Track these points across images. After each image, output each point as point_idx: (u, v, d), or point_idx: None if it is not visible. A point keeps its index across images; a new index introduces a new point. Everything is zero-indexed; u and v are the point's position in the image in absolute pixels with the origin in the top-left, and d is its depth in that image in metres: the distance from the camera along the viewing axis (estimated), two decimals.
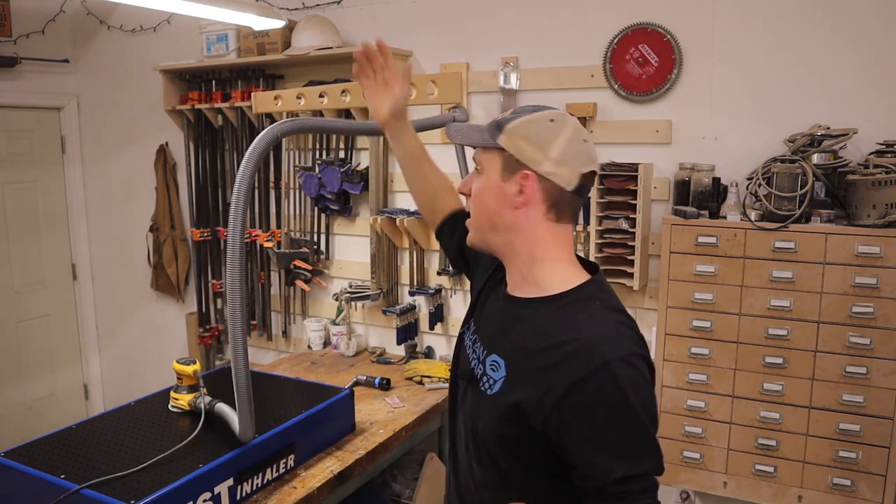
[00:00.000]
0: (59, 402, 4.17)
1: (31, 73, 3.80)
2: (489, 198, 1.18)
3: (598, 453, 1.06)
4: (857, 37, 2.23)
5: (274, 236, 3.34)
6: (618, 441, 1.06)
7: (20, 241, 3.92)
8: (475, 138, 1.20)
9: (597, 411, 1.04)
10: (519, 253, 1.19)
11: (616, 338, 1.08)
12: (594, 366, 1.03)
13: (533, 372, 1.10)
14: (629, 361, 1.05)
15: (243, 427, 1.65)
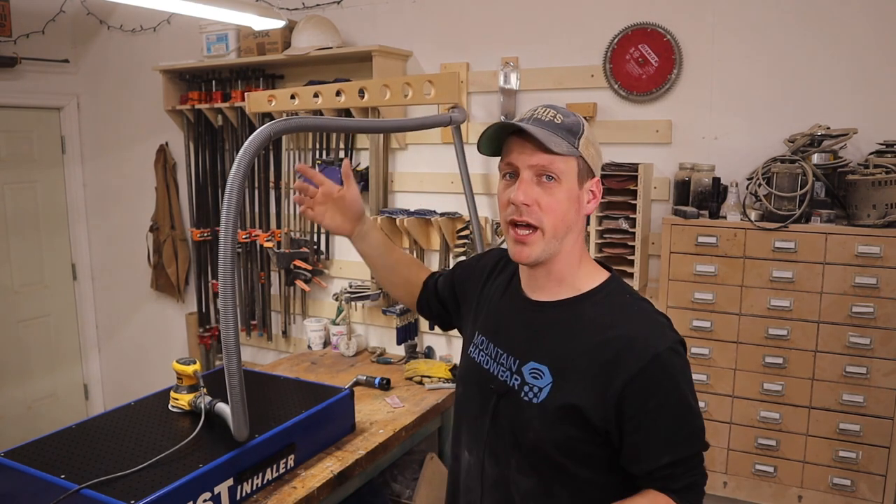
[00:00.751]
0: (59, 402, 4.17)
1: (31, 73, 3.80)
2: (570, 207, 1.15)
3: (648, 440, 1.09)
4: (857, 37, 2.23)
5: (274, 236, 3.34)
6: (668, 428, 1.09)
7: (20, 241, 3.93)
8: (564, 147, 1.13)
9: (650, 400, 1.07)
10: (571, 255, 1.20)
11: (659, 328, 1.13)
12: (647, 359, 1.07)
13: (584, 372, 1.11)
14: (675, 350, 1.10)
15: (237, 426, 1.65)
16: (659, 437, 1.09)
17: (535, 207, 1.13)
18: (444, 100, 2.51)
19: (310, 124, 2.15)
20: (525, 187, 1.13)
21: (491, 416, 1.22)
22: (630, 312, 1.15)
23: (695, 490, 1.12)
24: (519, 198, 1.13)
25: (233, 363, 1.53)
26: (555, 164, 1.13)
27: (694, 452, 1.11)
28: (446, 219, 2.86)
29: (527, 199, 1.13)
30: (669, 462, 1.09)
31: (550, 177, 1.13)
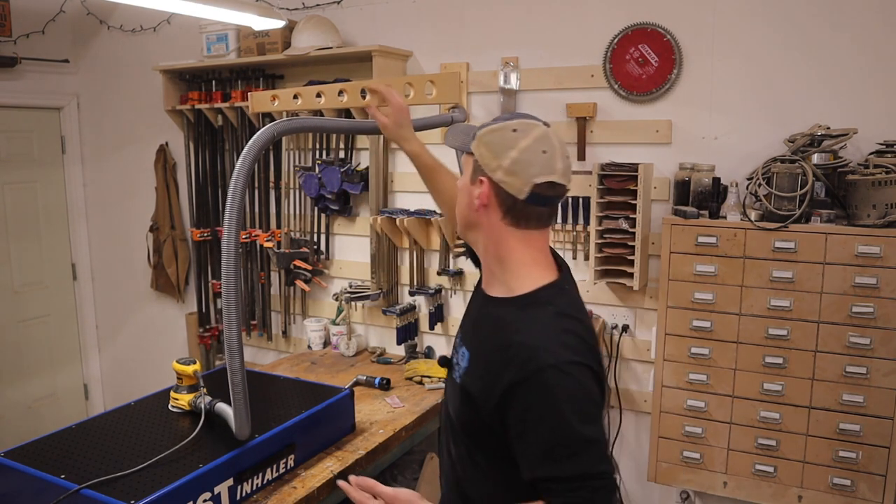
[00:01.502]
0: (59, 402, 4.17)
1: (31, 73, 3.80)
2: (464, 197, 1.28)
3: (527, 450, 1.12)
4: (856, 37, 2.23)
5: (274, 236, 3.34)
6: (544, 444, 1.10)
7: (20, 241, 3.92)
8: (459, 141, 1.29)
9: (529, 412, 1.11)
10: (487, 251, 1.28)
11: (555, 345, 1.13)
12: (531, 370, 1.10)
13: (486, 367, 1.19)
14: (562, 368, 1.10)
15: (239, 425, 1.65)
16: (535, 450, 1.11)
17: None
18: (445, 100, 2.51)
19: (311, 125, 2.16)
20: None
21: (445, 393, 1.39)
22: (538, 323, 1.17)
23: None
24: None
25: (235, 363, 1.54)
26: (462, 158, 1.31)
27: (573, 474, 1.09)
28: (446, 219, 2.86)
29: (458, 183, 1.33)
30: (546, 477, 1.10)
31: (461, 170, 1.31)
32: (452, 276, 2.95)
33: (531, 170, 1.18)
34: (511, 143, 1.19)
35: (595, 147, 2.64)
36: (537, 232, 1.25)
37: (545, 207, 1.22)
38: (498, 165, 1.19)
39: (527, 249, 1.24)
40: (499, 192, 1.20)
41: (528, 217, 1.22)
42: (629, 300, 2.65)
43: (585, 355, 1.15)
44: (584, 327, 1.20)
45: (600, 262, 2.50)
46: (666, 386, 2.34)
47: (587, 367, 1.13)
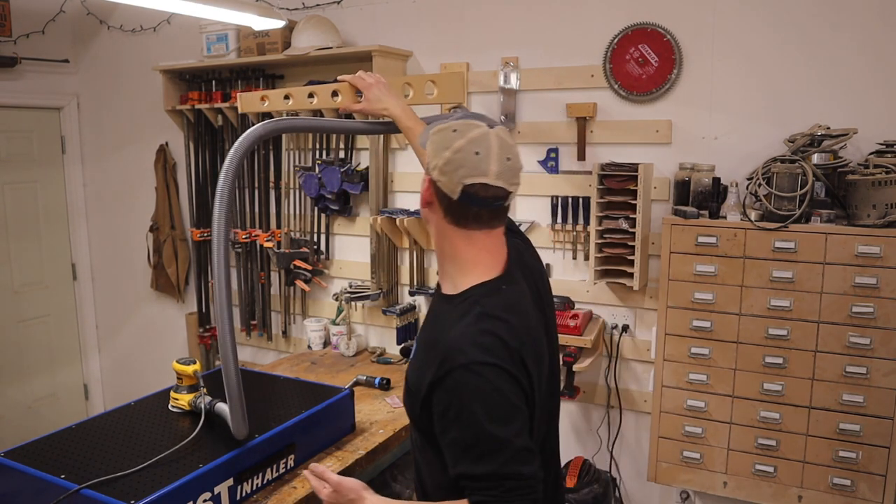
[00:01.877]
0: (59, 402, 4.17)
1: (31, 73, 3.80)
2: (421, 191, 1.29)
3: (446, 448, 1.18)
4: (857, 37, 2.23)
5: (274, 236, 3.34)
6: (458, 442, 1.15)
7: (20, 241, 3.92)
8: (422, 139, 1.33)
9: (447, 410, 1.15)
10: (436, 248, 1.33)
11: (469, 346, 1.15)
12: (445, 370, 1.15)
13: (419, 362, 1.24)
14: (472, 369, 1.13)
15: (236, 425, 1.65)
16: (451, 448, 1.16)
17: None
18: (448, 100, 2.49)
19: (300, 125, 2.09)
20: None
21: None
22: (459, 322, 1.20)
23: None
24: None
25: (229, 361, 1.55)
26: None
27: (484, 473, 1.11)
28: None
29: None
30: (460, 474, 1.14)
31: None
32: None
33: (461, 171, 1.19)
34: (447, 143, 1.21)
35: (595, 147, 2.64)
36: (480, 232, 1.25)
37: (482, 209, 1.22)
38: (435, 165, 1.22)
39: (469, 248, 1.26)
40: (437, 191, 1.23)
41: (467, 217, 1.23)
42: (629, 300, 2.65)
43: (500, 357, 1.16)
44: (507, 328, 1.20)
45: (600, 262, 2.50)
46: (666, 386, 2.34)
47: (501, 369, 1.15)
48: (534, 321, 1.29)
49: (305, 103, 2.66)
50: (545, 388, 1.31)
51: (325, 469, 1.41)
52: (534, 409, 1.23)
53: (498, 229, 1.29)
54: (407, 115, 1.75)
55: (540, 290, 1.40)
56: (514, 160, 1.23)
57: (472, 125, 1.23)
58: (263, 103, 2.71)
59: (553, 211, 2.73)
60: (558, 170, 2.74)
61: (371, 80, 1.80)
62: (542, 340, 1.31)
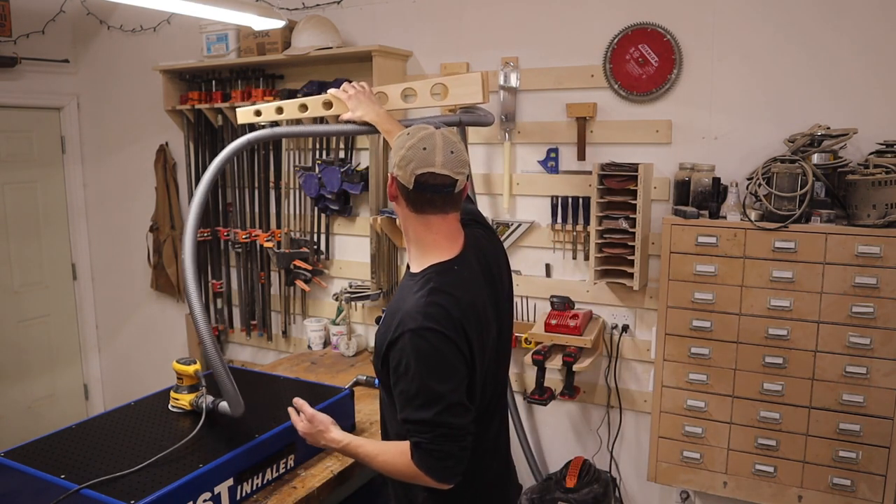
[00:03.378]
0: (59, 402, 4.17)
1: (31, 73, 3.80)
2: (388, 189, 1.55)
3: (396, 397, 1.43)
4: (857, 37, 2.23)
5: (274, 236, 3.34)
6: (403, 392, 1.40)
7: (20, 241, 3.92)
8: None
9: (397, 366, 1.40)
10: (407, 235, 1.56)
11: (419, 314, 1.40)
12: (398, 333, 1.40)
13: (385, 325, 1.47)
14: (419, 334, 1.38)
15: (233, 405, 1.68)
16: (400, 398, 1.41)
17: None
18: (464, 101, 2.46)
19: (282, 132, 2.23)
20: None
21: None
22: (415, 295, 1.44)
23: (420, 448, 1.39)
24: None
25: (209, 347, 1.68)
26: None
27: (424, 419, 1.37)
28: None
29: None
30: (405, 419, 1.40)
31: None
32: None
33: (412, 164, 1.44)
34: (402, 144, 1.47)
35: (595, 147, 2.64)
36: (436, 217, 1.49)
37: (434, 195, 1.46)
38: (395, 163, 1.48)
39: (428, 233, 1.51)
40: (399, 185, 1.48)
41: (423, 203, 1.47)
42: (629, 300, 2.65)
43: (443, 325, 1.39)
44: (453, 301, 1.43)
45: (600, 262, 2.50)
46: (666, 386, 2.34)
47: (442, 335, 1.38)
48: (481, 298, 1.52)
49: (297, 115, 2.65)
50: (489, 357, 1.53)
51: (305, 403, 1.72)
52: (475, 373, 1.46)
53: (452, 214, 1.52)
54: (383, 119, 2.01)
55: (493, 273, 1.62)
56: (457, 153, 1.46)
57: (421, 128, 1.49)
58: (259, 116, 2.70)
59: (553, 211, 2.73)
60: (558, 170, 2.74)
61: (352, 91, 2.06)
62: (489, 314, 1.53)
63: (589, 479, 2.56)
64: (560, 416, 2.88)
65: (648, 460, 2.42)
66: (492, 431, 1.62)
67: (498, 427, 1.66)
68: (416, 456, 1.40)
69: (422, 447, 1.39)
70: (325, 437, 1.67)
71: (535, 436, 2.94)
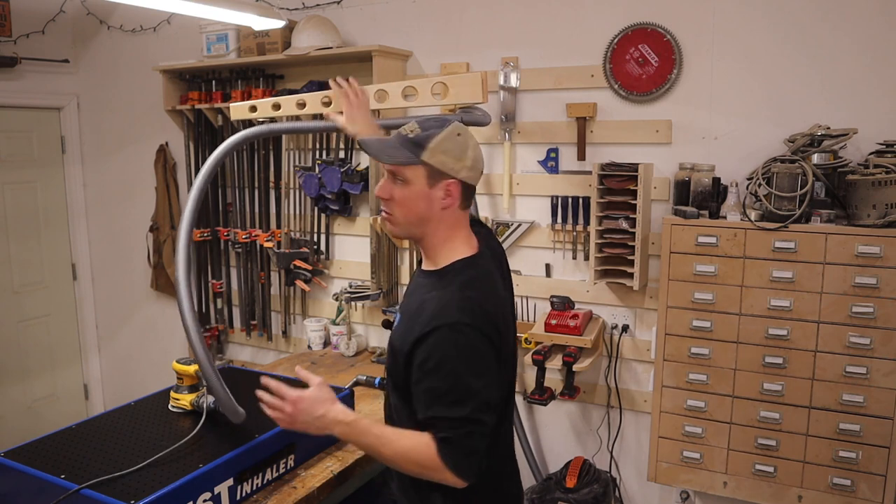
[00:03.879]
0: (59, 402, 4.17)
1: (31, 73, 3.80)
2: (418, 203, 1.45)
3: (420, 394, 1.37)
4: (857, 37, 2.23)
5: (274, 236, 3.34)
6: (431, 389, 1.35)
7: (20, 241, 3.92)
8: (400, 157, 1.43)
9: (426, 363, 1.35)
10: (436, 236, 1.49)
11: (454, 308, 1.37)
12: (429, 328, 1.35)
13: (406, 324, 1.43)
14: (456, 329, 1.34)
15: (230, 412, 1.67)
16: (429, 394, 1.35)
17: (390, 200, 1.48)
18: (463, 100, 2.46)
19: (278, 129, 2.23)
20: (383, 184, 1.49)
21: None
22: (445, 290, 1.41)
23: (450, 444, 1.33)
24: (378, 193, 1.50)
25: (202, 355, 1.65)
26: (400, 171, 1.44)
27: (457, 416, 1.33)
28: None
29: (382, 193, 1.49)
30: (434, 416, 1.34)
31: (400, 179, 1.45)
32: None
33: (481, 162, 1.49)
34: (464, 146, 1.45)
35: (595, 147, 2.64)
36: (465, 213, 1.52)
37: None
38: (462, 166, 1.44)
39: (460, 228, 1.51)
40: (463, 187, 1.46)
41: (468, 199, 1.51)
42: (629, 300, 2.65)
43: (479, 320, 1.37)
44: (485, 296, 1.43)
45: (600, 262, 2.50)
46: (666, 386, 2.34)
47: (479, 330, 1.36)
48: (501, 294, 1.53)
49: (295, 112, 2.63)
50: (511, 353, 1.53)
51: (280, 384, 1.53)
52: (503, 368, 1.45)
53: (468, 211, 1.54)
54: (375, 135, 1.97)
55: (503, 273, 1.63)
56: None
57: (463, 126, 1.47)
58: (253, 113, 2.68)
59: (553, 211, 2.73)
60: (558, 170, 2.74)
61: (354, 99, 2.05)
62: (508, 311, 1.54)
63: (589, 479, 2.56)
64: (560, 416, 2.88)
65: (648, 460, 2.42)
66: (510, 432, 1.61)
67: (509, 428, 1.64)
68: (443, 450, 1.33)
69: (452, 442, 1.33)
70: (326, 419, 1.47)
71: (535, 436, 2.94)
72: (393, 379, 1.48)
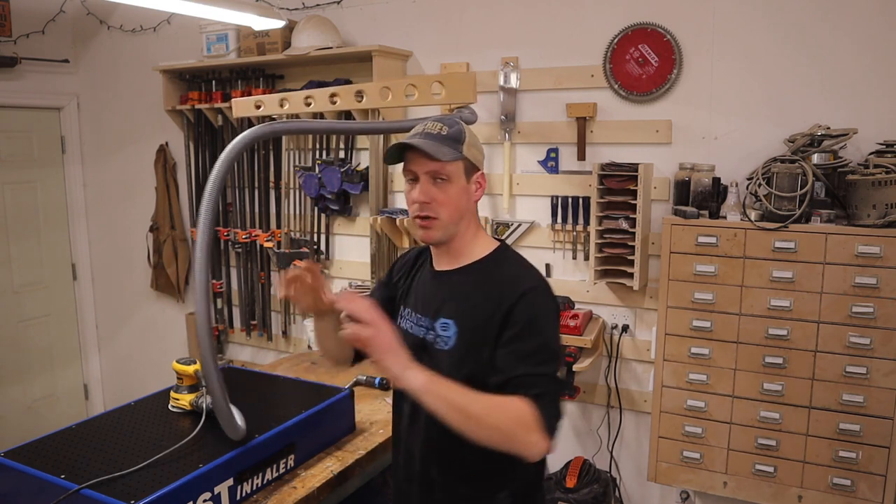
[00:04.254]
0: (59, 402, 4.17)
1: (31, 73, 3.80)
2: (461, 198, 1.45)
3: (511, 355, 1.34)
4: (857, 37, 2.23)
5: (274, 236, 3.34)
6: (527, 349, 1.34)
7: (20, 241, 3.92)
8: (450, 154, 1.41)
9: (517, 325, 1.35)
10: (466, 233, 1.49)
11: (530, 273, 1.44)
12: (520, 293, 1.36)
13: (479, 315, 1.39)
14: (545, 290, 1.41)
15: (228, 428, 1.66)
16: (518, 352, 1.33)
17: (433, 203, 1.43)
18: (456, 100, 2.48)
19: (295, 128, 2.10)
20: (423, 188, 1.43)
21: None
22: (507, 264, 1.46)
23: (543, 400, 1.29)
24: (420, 197, 1.44)
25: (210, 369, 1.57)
26: (444, 168, 1.41)
27: (546, 373, 1.33)
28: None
29: (426, 197, 1.43)
30: (523, 374, 1.31)
31: (442, 178, 1.42)
32: None
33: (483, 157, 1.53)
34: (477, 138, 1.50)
35: (595, 147, 2.64)
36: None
37: None
38: (483, 157, 1.51)
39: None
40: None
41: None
42: (629, 300, 2.65)
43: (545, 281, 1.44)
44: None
45: (600, 262, 2.50)
46: (666, 386, 2.34)
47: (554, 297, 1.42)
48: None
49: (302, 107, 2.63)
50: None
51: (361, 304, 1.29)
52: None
53: None
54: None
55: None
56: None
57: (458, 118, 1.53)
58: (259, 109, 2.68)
59: (553, 211, 2.73)
60: (558, 170, 2.74)
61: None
62: None
63: (589, 479, 2.56)
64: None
65: (648, 460, 2.42)
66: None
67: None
68: (539, 405, 1.26)
69: (545, 399, 1.28)
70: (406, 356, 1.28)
71: None
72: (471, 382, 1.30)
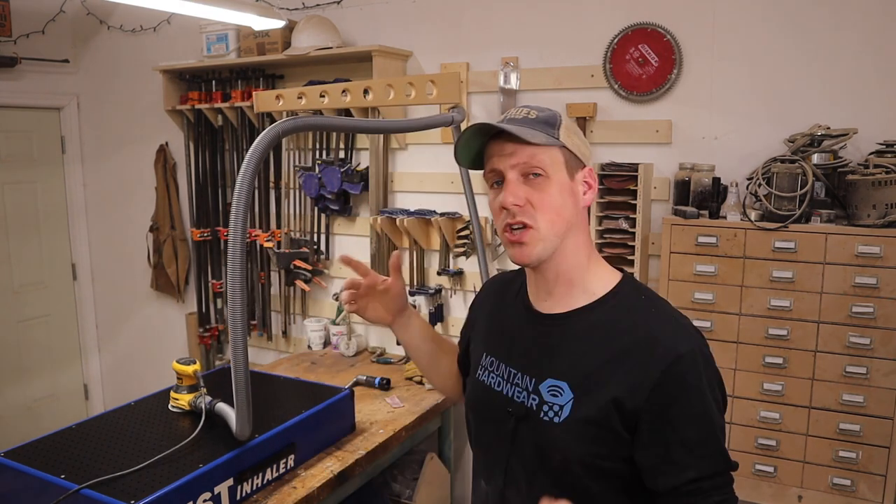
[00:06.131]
0: (59, 402, 4.17)
1: (31, 73, 3.80)
2: (565, 201, 1.07)
3: (670, 451, 1.00)
4: (857, 37, 2.23)
5: (274, 236, 3.34)
6: (692, 439, 0.99)
7: (20, 241, 3.92)
8: (542, 138, 1.05)
9: (672, 407, 0.99)
10: (577, 254, 1.10)
11: (681, 329, 1.04)
12: (669, 361, 0.99)
13: (606, 384, 1.03)
14: (701, 352, 1.02)
15: (240, 425, 1.65)
16: (683, 449, 0.99)
17: (526, 207, 1.06)
18: (445, 99, 2.50)
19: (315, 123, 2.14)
20: (512, 188, 1.06)
21: (510, 442, 1.12)
22: (648, 314, 1.06)
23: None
24: (508, 200, 1.06)
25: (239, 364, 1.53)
26: (537, 157, 1.05)
27: (721, 470, 1.01)
28: (446, 219, 2.86)
29: (516, 199, 1.06)
30: (695, 477, 0.99)
31: (536, 173, 1.06)
32: (452, 276, 2.95)
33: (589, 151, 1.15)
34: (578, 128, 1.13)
35: (595, 147, 2.64)
36: None
37: None
38: (590, 152, 1.13)
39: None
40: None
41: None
42: None
43: (702, 334, 1.06)
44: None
45: None
46: None
47: (712, 357, 1.05)
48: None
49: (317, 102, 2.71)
50: None
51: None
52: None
53: None
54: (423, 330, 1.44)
55: None
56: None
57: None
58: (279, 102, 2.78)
59: None
60: None
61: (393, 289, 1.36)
62: None
63: None
64: None
65: None
66: None
67: None
68: None
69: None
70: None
71: None
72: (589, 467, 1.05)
